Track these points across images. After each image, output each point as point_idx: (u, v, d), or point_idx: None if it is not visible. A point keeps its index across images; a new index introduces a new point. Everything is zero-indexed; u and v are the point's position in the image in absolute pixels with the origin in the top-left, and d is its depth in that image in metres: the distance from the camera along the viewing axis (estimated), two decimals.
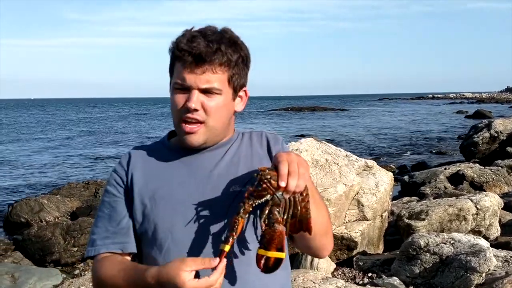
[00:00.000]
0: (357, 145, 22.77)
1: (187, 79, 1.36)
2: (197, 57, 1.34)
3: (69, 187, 10.86)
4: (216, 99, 1.39)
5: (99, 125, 44.05)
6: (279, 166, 1.24)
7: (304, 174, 1.25)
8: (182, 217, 1.40)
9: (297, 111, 60.43)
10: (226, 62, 1.38)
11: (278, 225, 1.23)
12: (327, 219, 1.44)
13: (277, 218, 1.23)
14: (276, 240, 1.23)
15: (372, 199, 5.48)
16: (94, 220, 1.51)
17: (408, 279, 4.57)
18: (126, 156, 1.52)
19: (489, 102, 73.84)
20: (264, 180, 1.23)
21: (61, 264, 6.71)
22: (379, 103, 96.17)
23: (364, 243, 5.45)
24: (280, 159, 1.26)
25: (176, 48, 1.38)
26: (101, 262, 1.43)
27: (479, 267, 4.20)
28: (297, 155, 1.31)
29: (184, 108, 1.38)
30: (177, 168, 1.46)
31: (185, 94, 1.38)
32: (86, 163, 19.08)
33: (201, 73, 1.36)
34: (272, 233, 1.23)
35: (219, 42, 1.36)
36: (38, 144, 26.99)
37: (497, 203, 5.92)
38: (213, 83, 1.37)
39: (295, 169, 1.24)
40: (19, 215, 8.88)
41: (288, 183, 1.23)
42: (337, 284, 4.06)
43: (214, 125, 1.41)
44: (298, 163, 1.25)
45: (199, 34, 1.37)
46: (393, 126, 34.95)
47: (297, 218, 1.28)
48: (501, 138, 13.82)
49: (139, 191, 1.44)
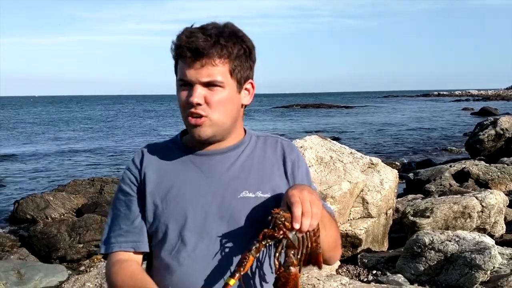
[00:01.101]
0: (362, 143, 22.73)
1: (187, 75, 1.37)
2: (194, 51, 1.34)
3: (75, 184, 10.89)
4: (219, 92, 1.38)
5: (105, 122, 44.15)
6: (292, 208, 1.25)
7: (317, 213, 1.26)
8: (192, 219, 1.40)
9: (302, 108, 60.36)
10: (225, 54, 1.37)
11: (294, 268, 1.26)
12: (335, 235, 1.46)
13: (293, 262, 1.26)
14: (291, 283, 1.25)
15: (377, 197, 5.47)
16: (108, 218, 1.51)
17: (412, 276, 4.57)
18: (139, 154, 1.51)
19: (495, 100, 73.40)
20: (279, 223, 1.24)
21: (66, 260, 6.74)
22: (384, 100, 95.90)
23: (368, 241, 5.45)
24: (293, 200, 1.26)
25: (175, 45, 1.39)
26: (115, 267, 1.43)
27: (484, 264, 4.20)
28: (310, 190, 1.31)
29: (188, 104, 1.38)
30: (190, 169, 1.46)
31: (188, 89, 1.39)
32: (91, 159, 19.14)
33: (200, 67, 1.35)
34: (287, 276, 1.25)
35: (217, 35, 1.36)
36: (44, 141, 27.08)
37: (502, 200, 5.90)
38: (214, 76, 1.36)
39: (308, 210, 1.25)
40: (25, 212, 8.92)
41: (302, 224, 1.24)
42: (342, 281, 4.07)
43: (219, 119, 1.40)
44: (311, 202, 1.26)
45: (198, 30, 1.37)
46: (398, 123, 34.85)
47: (308, 253, 1.31)
48: (507, 135, 13.75)
49: (151, 191, 1.44)
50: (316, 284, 3.95)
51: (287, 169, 1.50)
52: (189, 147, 1.50)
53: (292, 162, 1.51)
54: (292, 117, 45.31)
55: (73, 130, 35.00)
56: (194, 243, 1.40)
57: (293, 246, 1.26)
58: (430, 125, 32.37)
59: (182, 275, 1.40)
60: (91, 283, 5.15)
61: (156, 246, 1.45)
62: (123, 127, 37.75)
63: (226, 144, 1.47)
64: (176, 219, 1.41)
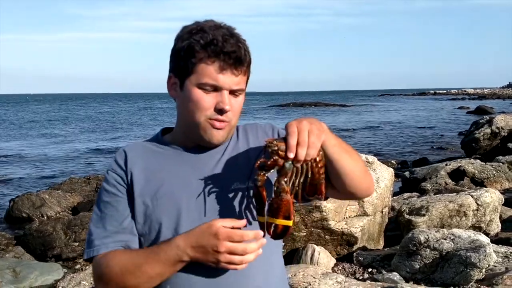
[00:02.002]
0: (358, 141, 22.76)
1: (221, 81, 1.35)
2: (237, 60, 1.34)
3: (70, 182, 10.87)
4: (239, 99, 1.42)
5: (101, 119, 44.06)
6: (287, 137, 1.25)
7: (314, 142, 1.25)
8: (186, 215, 1.39)
9: (298, 107, 60.38)
10: (248, 64, 1.40)
11: (285, 194, 1.27)
12: (361, 162, 1.46)
13: (284, 188, 1.27)
14: (283, 209, 1.27)
15: (372, 195, 5.48)
16: (91, 220, 1.45)
17: (408, 274, 4.58)
18: (122, 154, 1.48)
19: (491, 98, 73.63)
20: (272, 152, 1.26)
21: (62, 259, 6.72)
22: (380, 99, 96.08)
23: (364, 239, 5.47)
24: (289, 129, 1.26)
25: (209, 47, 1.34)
26: (105, 258, 1.37)
27: (479, 262, 4.21)
28: (310, 120, 1.30)
29: (217, 109, 1.37)
30: (178, 166, 1.45)
31: (212, 94, 1.37)
32: (87, 158, 19.10)
33: (237, 75, 1.36)
34: (279, 202, 1.28)
35: (242, 43, 1.37)
36: (39, 138, 27.01)
37: (497, 199, 5.92)
38: (241, 85, 1.39)
39: (304, 139, 1.24)
40: (21, 210, 8.91)
41: (297, 154, 1.24)
42: (337, 279, 4.07)
43: (235, 124, 1.45)
44: (309, 131, 1.25)
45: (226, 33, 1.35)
46: (394, 121, 34.92)
47: (311, 182, 1.33)
48: (502, 134, 13.80)
49: (140, 191, 1.42)
50: (312, 282, 3.96)
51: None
52: (174, 144, 1.49)
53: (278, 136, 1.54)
54: (289, 115, 45.30)
55: (69, 128, 34.91)
56: None
57: (285, 174, 1.27)
58: (426, 123, 32.43)
59: (181, 273, 1.37)
60: (86, 281, 5.14)
61: (150, 246, 1.42)
62: (120, 124, 37.68)
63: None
64: (169, 216, 1.40)
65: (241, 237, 1.25)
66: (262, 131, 1.56)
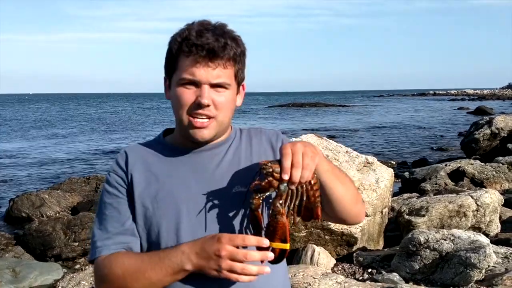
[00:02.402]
0: (357, 141, 22.77)
1: (197, 74, 1.35)
2: (210, 52, 1.33)
3: (70, 182, 10.87)
4: (225, 94, 1.39)
5: (100, 120, 44.05)
6: (281, 159, 1.25)
7: (309, 164, 1.25)
8: (187, 217, 1.39)
9: (298, 107, 60.38)
10: (233, 57, 1.38)
11: (281, 217, 1.25)
12: (354, 189, 1.46)
13: (279, 210, 1.25)
14: (279, 232, 1.25)
15: (372, 195, 5.48)
16: (94, 222, 1.46)
17: (408, 275, 4.58)
18: (123, 156, 1.48)
19: (491, 99, 73.71)
20: (266, 174, 1.25)
21: (62, 259, 6.72)
22: (380, 100, 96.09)
23: (364, 239, 5.46)
24: (284, 151, 1.26)
25: (183, 42, 1.35)
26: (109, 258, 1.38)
27: (479, 263, 4.21)
28: (304, 143, 1.30)
29: (195, 104, 1.36)
30: (178, 168, 1.44)
31: (192, 89, 1.37)
32: (87, 158, 19.08)
33: (213, 68, 1.35)
34: (275, 225, 1.26)
35: (224, 37, 1.36)
36: (39, 138, 26.99)
37: (497, 199, 5.92)
38: (223, 78, 1.37)
39: (298, 161, 1.24)
40: (20, 210, 8.90)
41: (292, 175, 1.24)
42: (337, 279, 4.07)
43: (223, 120, 1.42)
44: (303, 153, 1.25)
45: (205, 29, 1.35)
46: (394, 122, 34.92)
47: (307, 206, 1.31)
48: (502, 134, 13.81)
49: (140, 194, 1.42)
50: (312, 282, 3.95)
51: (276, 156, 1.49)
52: (175, 146, 1.48)
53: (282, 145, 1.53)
54: (289, 116, 45.30)
55: (68, 128, 34.89)
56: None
57: (281, 196, 1.25)
58: (426, 124, 32.44)
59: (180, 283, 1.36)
60: (86, 281, 5.14)
61: (150, 248, 1.42)
62: (119, 125, 37.67)
63: (213, 141, 1.47)
64: (169, 219, 1.39)
65: (243, 240, 1.24)
66: (266, 137, 1.55)
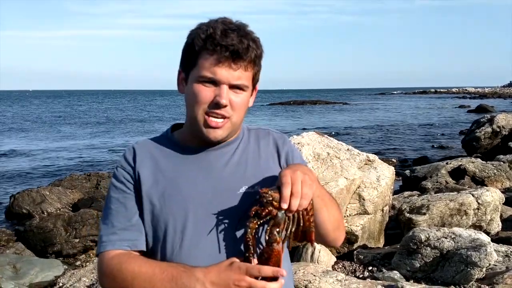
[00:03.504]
0: (359, 139, 22.76)
1: (218, 74, 1.34)
2: (234, 53, 1.33)
3: (71, 179, 10.87)
4: (242, 95, 1.40)
5: (101, 117, 44.06)
6: (281, 188, 1.26)
7: (307, 194, 1.27)
8: (193, 216, 1.39)
9: (299, 105, 60.38)
10: (254, 60, 1.38)
11: (277, 245, 1.28)
12: (338, 215, 1.48)
13: (276, 239, 1.28)
14: (273, 259, 1.28)
15: (373, 193, 5.48)
16: (102, 216, 1.47)
17: (408, 273, 4.58)
18: (131, 151, 1.48)
19: (492, 97, 73.62)
20: (265, 201, 1.27)
21: (62, 255, 6.74)
22: (381, 97, 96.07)
23: (364, 237, 5.46)
24: (283, 180, 1.27)
25: (208, 40, 1.34)
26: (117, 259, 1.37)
27: (480, 261, 4.21)
28: (304, 170, 1.31)
29: (213, 103, 1.36)
30: (186, 166, 1.44)
31: (211, 88, 1.37)
32: (87, 154, 19.10)
33: (235, 69, 1.35)
34: (270, 253, 1.28)
35: (247, 38, 1.36)
36: (40, 135, 27.02)
37: (498, 198, 5.91)
38: (243, 80, 1.38)
39: (298, 190, 1.26)
40: (21, 206, 8.91)
41: (290, 204, 1.25)
42: (337, 277, 4.07)
43: (236, 121, 1.42)
44: (302, 181, 1.27)
45: (228, 29, 1.35)
46: (396, 120, 34.91)
47: (301, 230, 1.34)
48: (503, 133, 13.80)
49: (147, 190, 1.41)
50: (312, 280, 3.96)
51: (281, 161, 1.52)
52: (182, 142, 1.48)
53: (286, 154, 1.53)
54: (289, 113, 45.30)
55: (69, 125, 34.92)
56: (196, 240, 1.38)
57: (278, 224, 1.28)
58: (426, 122, 32.44)
59: None
60: (87, 278, 5.15)
61: (156, 245, 1.42)
62: (120, 122, 37.68)
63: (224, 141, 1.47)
64: (176, 218, 1.39)
65: (259, 272, 1.24)
66: (273, 140, 1.56)
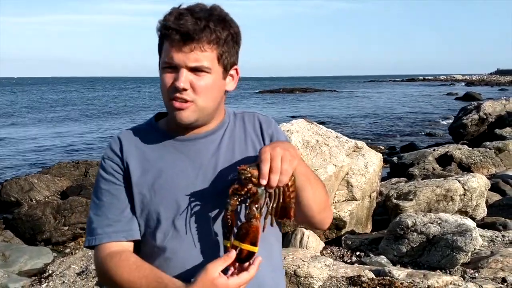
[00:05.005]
0: (347, 127, 22.86)
1: (175, 58, 1.33)
2: (184, 35, 1.31)
3: (59, 167, 10.80)
4: (206, 78, 1.36)
5: (88, 104, 43.69)
6: (260, 165, 1.26)
7: (287, 170, 1.26)
8: (184, 205, 1.39)
9: (288, 93, 60.32)
10: (214, 40, 1.34)
11: (255, 221, 1.28)
12: (323, 196, 1.46)
13: (255, 214, 1.28)
14: (251, 235, 1.28)
15: (361, 180, 5.53)
16: (91, 208, 1.44)
17: (395, 258, 4.65)
18: (117, 142, 1.46)
19: (479, 85, 74.07)
20: (245, 179, 1.27)
21: (51, 243, 6.72)
22: (370, 85, 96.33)
23: (352, 223, 5.52)
24: (262, 157, 1.26)
25: (163, 26, 1.34)
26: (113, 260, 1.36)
27: (465, 246, 4.28)
28: (284, 146, 1.31)
29: (173, 87, 1.34)
30: (174, 155, 1.44)
31: (173, 73, 1.35)
32: (75, 142, 18.98)
33: (189, 51, 1.32)
34: (248, 228, 1.28)
35: (207, 19, 1.32)
36: (27, 123, 26.76)
37: (484, 184, 6.00)
38: (202, 62, 1.34)
39: (277, 166, 1.25)
40: (9, 194, 8.84)
41: (270, 180, 1.25)
42: (326, 262, 4.13)
43: (204, 105, 1.38)
44: (282, 157, 1.26)
45: (186, 12, 1.33)
46: (383, 107, 35.06)
47: (281, 206, 1.34)
48: (489, 120, 13.95)
49: (137, 181, 1.41)
50: (301, 265, 4.00)
51: (266, 143, 1.50)
52: (168, 131, 1.47)
53: (270, 137, 1.52)
54: (278, 101, 45.27)
55: (57, 112, 34.60)
56: (189, 229, 1.39)
57: (257, 200, 1.29)
58: (414, 109, 32.62)
59: (179, 262, 1.38)
60: (76, 265, 5.15)
61: (148, 235, 1.42)
62: (109, 109, 37.40)
63: (207, 128, 1.46)
64: (167, 207, 1.39)
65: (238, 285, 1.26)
66: (259, 123, 1.55)
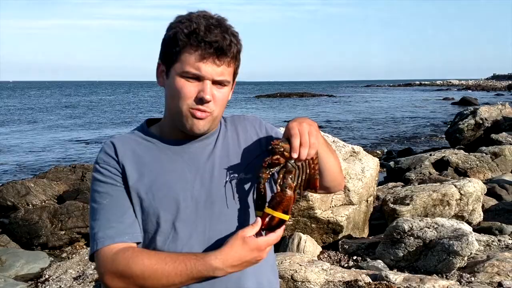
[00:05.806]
0: (344, 131, 22.90)
1: (202, 70, 1.35)
2: (219, 50, 1.34)
3: (56, 171, 10.77)
4: (224, 90, 1.42)
5: (86, 108, 43.62)
6: (291, 139, 1.35)
7: (315, 143, 1.36)
8: (184, 208, 1.40)
9: (285, 97, 60.40)
10: (236, 56, 1.40)
11: (289, 190, 1.36)
12: (337, 159, 1.59)
13: (290, 184, 1.36)
14: (284, 203, 1.36)
15: (358, 184, 5.54)
16: (91, 214, 1.42)
17: (392, 262, 4.66)
18: (111, 146, 1.45)
19: (475, 90, 74.37)
20: (278, 152, 1.36)
21: (48, 247, 6.69)
22: (366, 90, 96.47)
23: (349, 227, 5.53)
24: (292, 132, 1.35)
25: (191, 36, 1.34)
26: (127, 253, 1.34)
27: (462, 251, 4.30)
28: (308, 122, 1.40)
29: (197, 99, 1.37)
30: (170, 159, 1.45)
31: (195, 83, 1.37)
32: (72, 146, 18.95)
33: (219, 65, 1.36)
34: (282, 196, 1.36)
35: (228, 34, 1.37)
36: (24, 127, 26.70)
37: (480, 188, 6.02)
38: (225, 76, 1.39)
39: (306, 140, 1.35)
40: (5, 199, 8.81)
41: (300, 154, 1.34)
42: (323, 266, 4.13)
43: (218, 115, 1.44)
44: (309, 133, 1.36)
45: (211, 24, 1.35)
46: (380, 112, 35.13)
47: (307, 178, 1.43)
48: (486, 125, 13.99)
49: (134, 185, 1.41)
50: (298, 270, 4.01)
51: (263, 144, 1.55)
52: (163, 137, 1.49)
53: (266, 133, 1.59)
54: (276, 106, 45.30)
55: (53, 116, 34.53)
56: (188, 231, 1.40)
57: (290, 172, 1.37)
58: (411, 114, 32.70)
59: None
60: (73, 269, 5.14)
61: (148, 237, 1.42)
62: (105, 113, 37.35)
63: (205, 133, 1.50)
64: (167, 210, 1.40)
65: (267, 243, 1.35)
66: (250, 124, 1.60)
